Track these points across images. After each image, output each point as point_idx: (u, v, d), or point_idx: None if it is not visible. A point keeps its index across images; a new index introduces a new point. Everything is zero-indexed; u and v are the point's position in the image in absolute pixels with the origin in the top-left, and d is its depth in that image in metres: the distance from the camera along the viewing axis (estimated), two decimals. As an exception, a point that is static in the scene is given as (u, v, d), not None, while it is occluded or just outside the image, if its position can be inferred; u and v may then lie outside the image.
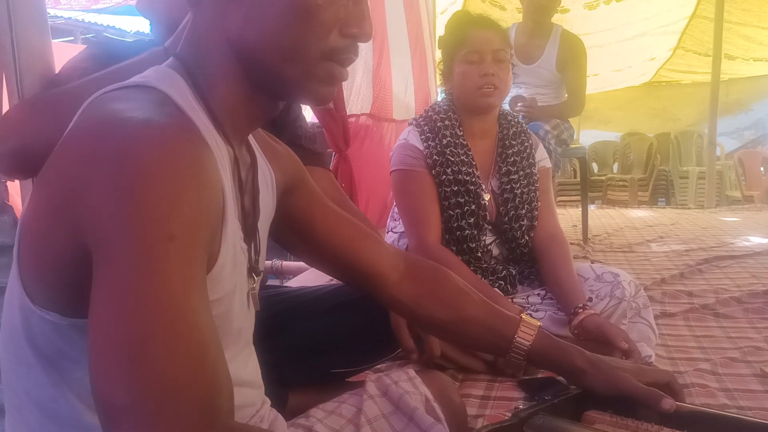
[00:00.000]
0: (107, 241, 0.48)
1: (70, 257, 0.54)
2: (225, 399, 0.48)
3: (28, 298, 0.58)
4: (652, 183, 7.06)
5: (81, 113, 0.59)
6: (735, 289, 2.29)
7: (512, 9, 5.52)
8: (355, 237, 0.89)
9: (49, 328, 0.58)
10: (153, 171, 0.49)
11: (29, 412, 0.62)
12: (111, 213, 0.48)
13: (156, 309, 0.47)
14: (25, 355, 0.61)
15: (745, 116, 7.63)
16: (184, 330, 0.47)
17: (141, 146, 0.50)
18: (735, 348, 1.65)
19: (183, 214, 0.50)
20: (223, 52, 0.63)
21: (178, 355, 0.46)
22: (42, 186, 0.57)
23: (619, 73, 6.92)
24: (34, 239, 0.58)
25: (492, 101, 1.67)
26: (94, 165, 0.50)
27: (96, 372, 0.47)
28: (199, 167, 0.53)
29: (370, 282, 0.91)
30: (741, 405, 1.30)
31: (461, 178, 1.65)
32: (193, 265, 0.50)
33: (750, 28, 6.08)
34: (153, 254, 0.47)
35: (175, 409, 0.45)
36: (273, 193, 0.80)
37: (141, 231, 0.48)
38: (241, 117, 0.66)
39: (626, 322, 1.53)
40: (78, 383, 0.59)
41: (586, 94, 3.19)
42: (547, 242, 1.69)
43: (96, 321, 0.48)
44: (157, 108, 0.56)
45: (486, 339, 0.94)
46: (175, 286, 0.48)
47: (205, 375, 0.47)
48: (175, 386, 0.45)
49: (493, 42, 1.65)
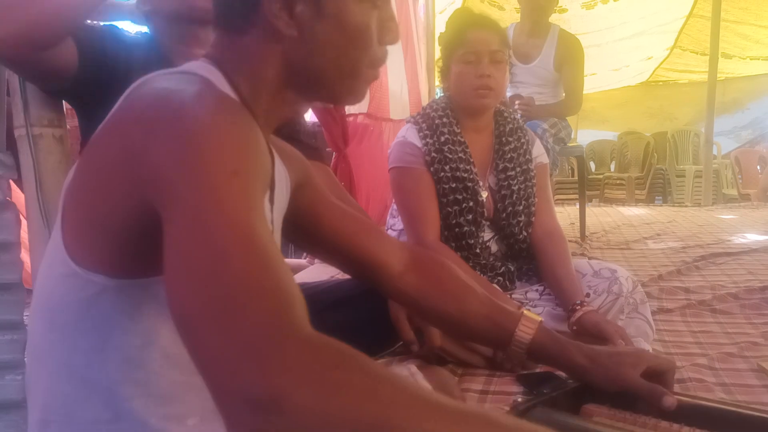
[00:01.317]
0: (175, 183, 0.52)
1: (127, 214, 0.58)
2: (298, 308, 0.49)
3: (74, 263, 0.61)
4: (649, 181, 7.08)
5: (129, 93, 0.62)
6: (732, 285, 2.30)
7: (510, 9, 5.53)
8: (359, 231, 0.92)
9: (95, 290, 0.61)
10: (209, 123, 0.54)
11: (59, 381, 0.64)
12: (176, 160, 0.53)
13: (227, 232, 0.50)
14: (64, 320, 0.63)
15: (741, 115, 7.64)
16: (252, 248, 0.50)
17: (196, 107, 0.56)
18: (732, 343, 1.66)
19: (242, 156, 0.55)
20: (273, 71, 0.69)
21: (248, 267, 0.49)
22: (92, 155, 0.62)
23: (616, 72, 6.93)
24: (83, 203, 0.62)
25: (487, 103, 1.68)
26: (155, 126, 0.55)
27: (173, 292, 0.50)
28: (251, 127, 0.58)
29: (375, 274, 0.93)
30: (738, 400, 1.30)
31: (459, 175, 1.66)
32: (255, 198, 0.54)
33: (747, 26, 6.09)
34: (219, 187, 0.51)
35: (252, 314, 0.47)
36: (287, 191, 0.82)
37: (206, 169, 0.52)
38: (272, 116, 0.72)
39: (623, 318, 1.54)
40: (117, 349, 0.62)
41: (583, 93, 3.20)
42: (546, 239, 1.70)
43: (172, 248, 0.51)
44: (204, 85, 0.61)
45: (488, 332, 0.95)
46: (240, 213, 0.51)
47: (277, 286, 0.49)
48: (249, 293, 0.48)
49: (491, 43, 1.66)
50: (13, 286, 1.26)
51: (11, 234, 1.24)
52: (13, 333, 1.27)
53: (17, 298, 1.28)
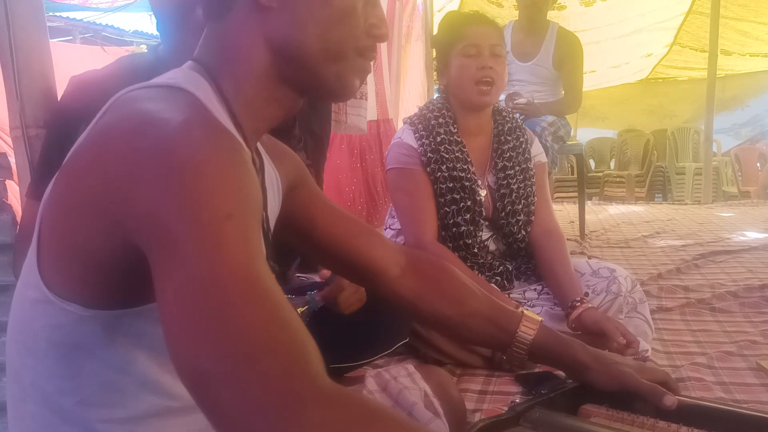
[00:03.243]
0: (165, 227, 0.49)
1: (107, 252, 0.55)
2: (315, 360, 0.47)
3: (48, 290, 0.59)
4: (649, 179, 7.07)
5: (110, 110, 0.59)
6: (731, 283, 2.30)
7: (509, 6, 5.52)
8: (355, 233, 0.90)
9: (68, 320, 0.59)
10: (199, 161, 0.51)
11: (33, 405, 0.63)
12: (165, 202, 0.50)
13: (228, 280, 0.48)
14: (37, 346, 0.61)
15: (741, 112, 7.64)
16: (258, 296, 0.48)
17: (184, 141, 0.52)
18: (731, 342, 1.66)
19: (235, 195, 0.52)
20: (257, 53, 0.67)
21: (258, 318, 0.47)
22: (70, 180, 0.58)
23: (615, 69, 6.93)
24: (59, 233, 0.59)
25: (488, 99, 1.67)
26: (138, 161, 0.52)
27: (179, 346, 0.47)
28: (241, 159, 0.55)
29: (372, 277, 0.92)
30: (737, 398, 1.31)
31: (456, 175, 1.66)
32: (252, 240, 0.52)
33: (746, 23, 6.08)
34: (214, 232, 0.49)
35: (266, 367, 0.45)
36: (278, 193, 0.81)
37: (198, 213, 0.49)
38: (262, 118, 0.70)
39: (622, 317, 1.54)
40: (90, 376, 0.60)
41: (582, 91, 3.19)
42: (544, 237, 1.70)
43: (170, 300, 0.48)
44: (190, 109, 0.57)
45: (488, 333, 0.94)
46: (240, 258, 0.49)
47: (291, 338, 0.47)
48: (262, 347, 0.46)
49: (491, 37, 1.66)
50: (9, 288, 1.26)
51: (7, 236, 1.24)
52: (10, 335, 1.27)
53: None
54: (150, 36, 7.47)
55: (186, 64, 0.68)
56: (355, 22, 0.68)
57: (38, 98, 1.20)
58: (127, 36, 7.63)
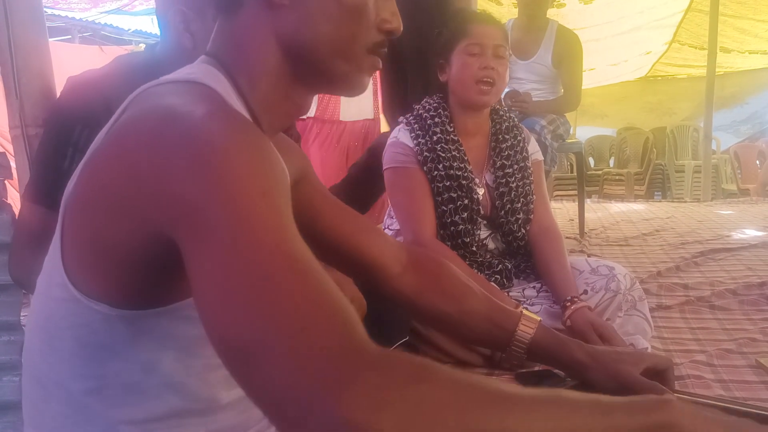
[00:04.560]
0: (201, 210, 0.49)
1: (136, 248, 0.55)
2: (359, 325, 0.47)
3: (75, 289, 0.59)
4: (649, 177, 7.08)
5: (131, 106, 0.59)
6: (730, 281, 2.30)
7: (509, 4, 5.52)
8: (357, 230, 0.90)
9: (95, 319, 0.59)
10: (228, 146, 0.51)
11: (57, 404, 0.62)
12: (198, 187, 0.50)
13: (270, 254, 0.48)
14: (63, 345, 0.61)
15: (740, 110, 7.65)
16: (301, 269, 0.48)
17: (211, 129, 0.52)
18: (730, 339, 1.67)
19: (266, 174, 0.52)
20: (270, 51, 0.67)
21: (303, 290, 0.47)
22: (94, 176, 0.58)
23: (615, 67, 6.94)
24: (85, 230, 0.59)
25: (487, 99, 1.67)
26: (167, 151, 0.52)
27: (222, 324, 0.47)
28: (268, 145, 0.56)
29: (373, 274, 0.92)
30: (736, 396, 1.31)
31: (453, 173, 1.66)
32: (287, 216, 0.52)
33: (745, 20, 6.09)
34: (251, 210, 0.49)
35: (316, 338, 0.45)
36: None
37: (233, 193, 0.49)
38: (277, 114, 0.70)
39: (621, 315, 1.54)
40: (115, 377, 0.60)
41: (582, 89, 3.19)
42: (541, 235, 1.70)
43: (209, 280, 0.48)
44: (212, 102, 0.58)
45: (487, 332, 0.94)
46: (279, 233, 0.49)
47: (334, 306, 0.47)
48: (310, 318, 0.46)
49: (495, 37, 1.66)
50: (9, 288, 1.26)
51: (7, 235, 1.24)
52: (10, 334, 1.27)
53: (14, 299, 1.28)
54: (149, 35, 7.47)
55: (200, 58, 0.68)
56: (366, 20, 0.68)
57: (37, 97, 1.21)
58: (126, 35, 7.63)
